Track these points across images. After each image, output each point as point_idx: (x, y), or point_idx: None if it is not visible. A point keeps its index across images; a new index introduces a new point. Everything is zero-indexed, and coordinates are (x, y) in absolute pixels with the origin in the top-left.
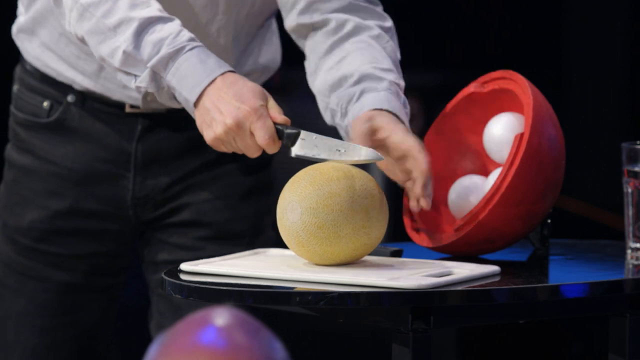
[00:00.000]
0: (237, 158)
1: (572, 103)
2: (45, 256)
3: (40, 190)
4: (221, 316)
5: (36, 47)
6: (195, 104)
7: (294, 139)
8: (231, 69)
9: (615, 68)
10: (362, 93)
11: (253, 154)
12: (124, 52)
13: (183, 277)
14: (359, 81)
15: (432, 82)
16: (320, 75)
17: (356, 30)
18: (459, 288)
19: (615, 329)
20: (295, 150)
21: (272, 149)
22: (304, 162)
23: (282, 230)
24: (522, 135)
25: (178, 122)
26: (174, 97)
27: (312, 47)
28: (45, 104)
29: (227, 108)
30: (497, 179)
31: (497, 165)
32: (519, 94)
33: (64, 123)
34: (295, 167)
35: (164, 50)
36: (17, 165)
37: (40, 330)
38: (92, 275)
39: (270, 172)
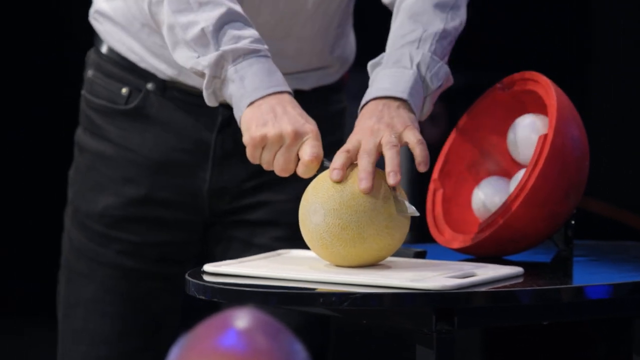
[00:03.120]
0: None
1: (596, 104)
2: (116, 243)
3: (115, 177)
4: (242, 319)
5: (119, 31)
6: (251, 104)
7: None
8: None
9: (639, 69)
10: (373, 80)
11: (283, 171)
12: (202, 29)
13: (206, 278)
14: (374, 65)
15: (456, 83)
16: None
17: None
18: (483, 289)
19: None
20: None
21: (310, 169)
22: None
23: (304, 233)
24: (546, 136)
25: None
26: (216, 91)
27: None
28: (124, 90)
29: (290, 117)
30: (521, 180)
31: (521, 166)
32: (542, 95)
33: (143, 111)
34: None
35: (242, 44)
36: (91, 151)
37: (110, 317)
38: (162, 263)
39: None
